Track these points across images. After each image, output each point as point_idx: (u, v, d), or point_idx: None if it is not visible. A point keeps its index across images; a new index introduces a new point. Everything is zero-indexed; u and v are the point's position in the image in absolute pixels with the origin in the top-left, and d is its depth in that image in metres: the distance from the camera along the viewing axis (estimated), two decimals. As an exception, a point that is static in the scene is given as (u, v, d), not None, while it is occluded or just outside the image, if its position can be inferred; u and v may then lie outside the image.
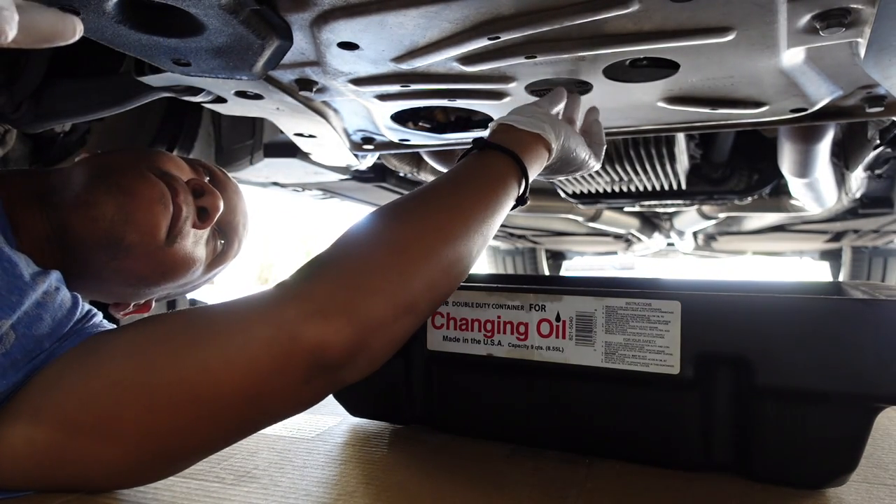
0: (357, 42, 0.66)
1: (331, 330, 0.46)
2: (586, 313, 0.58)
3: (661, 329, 0.54)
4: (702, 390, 0.55)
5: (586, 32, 0.64)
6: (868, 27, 0.58)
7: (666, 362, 0.54)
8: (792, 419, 0.52)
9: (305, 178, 1.64)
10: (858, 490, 0.59)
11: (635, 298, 0.55)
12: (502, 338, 0.62)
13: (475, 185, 0.58)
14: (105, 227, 0.60)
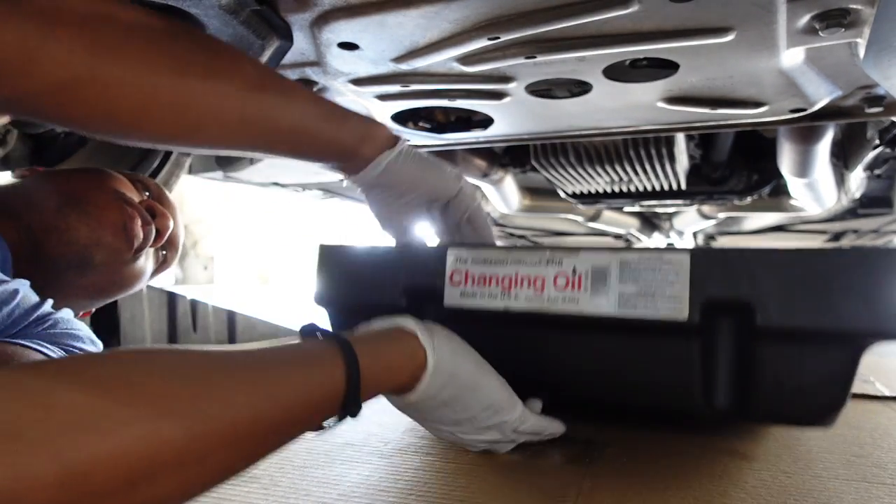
0: (357, 42, 0.66)
1: (32, 476, 0.28)
2: (601, 266, 0.60)
3: (672, 279, 0.58)
4: (707, 335, 0.58)
5: (586, 32, 0.64)
6: (867, 27, 0.58)
7: (675, 308, 0.57)
8: (787, 358, 0.57)
9: (306, 178, 1.64)
10: (858, 489, 0.59)
11: (648, 253, 0.59)
12: (519, 292, 0.63)
13: (279, 367, 0.42)
14: (78, 250, 0.67)
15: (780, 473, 0.63)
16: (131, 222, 0.70)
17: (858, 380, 1.12)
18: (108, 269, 0.70)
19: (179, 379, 0.37)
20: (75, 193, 0.69)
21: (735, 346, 0.59)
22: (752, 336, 0.57)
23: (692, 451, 0.70)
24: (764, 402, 0.58)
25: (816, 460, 0.68)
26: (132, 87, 0.44)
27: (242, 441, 0.38)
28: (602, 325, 0.61)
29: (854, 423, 0.84)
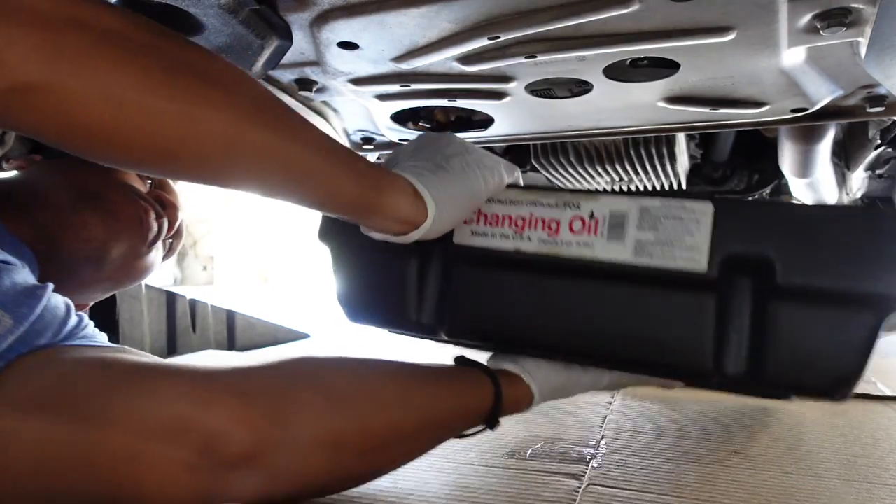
0: (357, 42, 0.66)
1: (245, 415, 0.44)
2: (620, 211, 0.58)
3: (692, 228, 0.55)
4: (723, 290, 0.56)
5: (586, 32, 0.64)
6: (869, 27, 0.58)
7: (694, 259, 0.55)
8: (805, 321, 0.54)
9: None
10: (859, 490, 0.59)
11: (670, 199, 0.57)
12: (532, 233, 0.61)
13: (442, 381, 0.58)
14: (95, 247, 0.67)
15: (782, 474, 0.63)
16: (146, 216, 0.70)
17: (859, 380, 1.12)
18: (123, 263, 0.70)
19: (392, 382, 0.54)
20: (88, 188, 0.68)
21: (752, 304, 0.56)
22: (770, 295, 0.54)
23: (693, 451, 0.70)
24: (776, 368, 0.55)
25: (818, 460, 0.68)
26: (95, 100, 0.40)
27: (420, 435, 0.54)
28: (615, 274, 0.58)
29: (855, 424, 0.84)
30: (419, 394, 0.54)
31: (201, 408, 0.43)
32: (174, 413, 0.43)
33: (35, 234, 0.64)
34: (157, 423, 0.43)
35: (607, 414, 0.86)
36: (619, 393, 1.00)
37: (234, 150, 0.46)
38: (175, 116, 0.43)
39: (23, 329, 0.52)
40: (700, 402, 0.94)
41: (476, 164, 0.60)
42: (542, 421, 0.81)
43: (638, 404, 0.93)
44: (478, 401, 0.58)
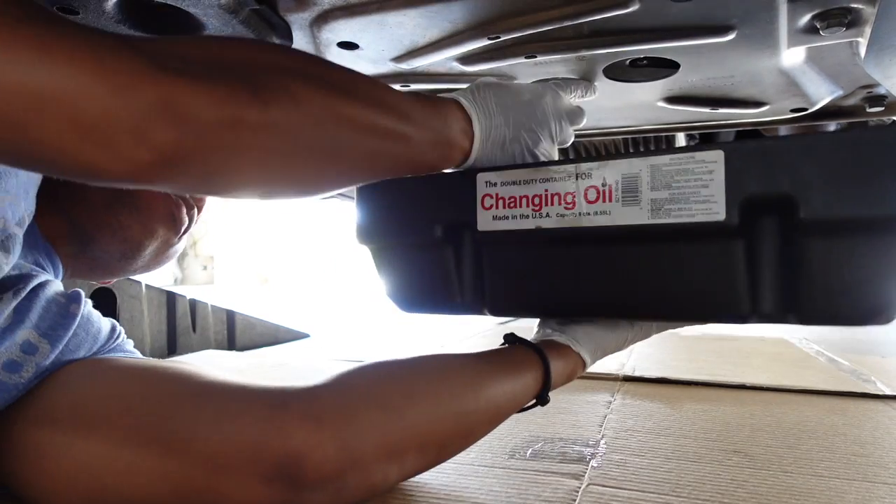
0: (357, 42, 0.66)
1: (320, 440, 0.45)
2: (631, 174, 0.58)
3: (706, 179, 0.55)
4: (748, 235, 0.55)
5: (586, 32, 0.64)
6: (868, 27, 0.58)
7: (711, 210, 0.55)
8: (836, 251, 0.53)
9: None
10: (859, 489, 0.59)
11: (679, 154, 0.56)
12: (550, 209, 0.62)
13: (496, 368, 0.59)
14: (131, 245, 0.68)
15: (781, 473, 0.63)
16: (178, 211, 0.71)
17: (859, 379, 1.12)
18: (155, 255, 0.72)
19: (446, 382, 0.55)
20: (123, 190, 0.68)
21: (779, 243, 0.55)
22: (796, 231, 0.54)
23: (693, 451, 0.70)
24: (812, 302, 0.54)
25: (817, 459, 0.68)
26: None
27: (476, 428, 0.56)
28: (637, 236, 0.58)
29: (855, 423, 0.84)
30: (473, 389, 0.55)
31: (278, 434, 0.45)
32: (252, 440, 0.45)
33: (69, 230, 0.64)
34: (235, 451, 0.45)
35: (607, 413, 0.87)
36: (618, 392, 1.00)
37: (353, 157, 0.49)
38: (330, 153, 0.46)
39: (59, 350, 0.53)
40: (700, 402, 0.94)
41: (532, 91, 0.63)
42: (542, 421, 0.81)
43: (638, 404, 0.93)
44: (529, 383, 0.60)
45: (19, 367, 0.50)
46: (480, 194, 0.64)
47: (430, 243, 0.67)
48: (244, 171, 0.42)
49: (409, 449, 0.50)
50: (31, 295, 0.53)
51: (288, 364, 1.30)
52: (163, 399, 0.48)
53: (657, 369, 1.18)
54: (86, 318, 0.57)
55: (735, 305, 0.57)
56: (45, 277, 0.56)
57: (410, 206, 0.69)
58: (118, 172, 0.36)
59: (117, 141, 0.35)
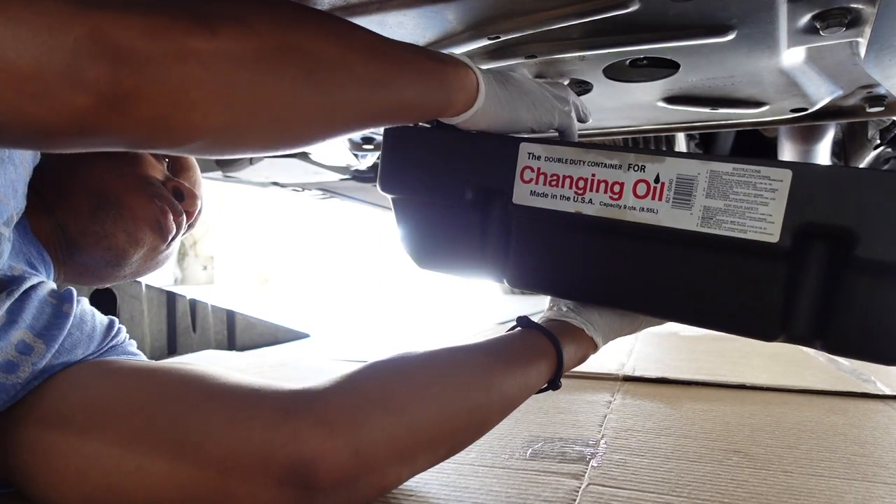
0: (357, 42, 0.66)
1: (333, 446, 0.45)
2: (688, 176, 0.55)
3: (767, 197, 0.52)
4: (796, 261, 0.53)
5: (586, 32, 0.64)
6: (868, 27, 0.58)
7: (766, 230, 0.52)
8: (883, 293, 0.51)
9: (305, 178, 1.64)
10: (859, 489, 0.59)
11: (744, 165, 0.53)
12: (594, 196, 0.59)
13: (508, 357, 0.58)
14: (116, 253, 0.67)
15: (781, 473, 0.63)
16: (165, 218, 0.69)
17: (859, 379, 1.12)
18: (142, 262, 0.71)
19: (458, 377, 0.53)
20: (109, 194, 0.67)
21: (825, 276, 0.53)
22: (847, 267, 0.52)
23: (693, 451, 0.70)
24: (845, 335, 0.53)
25: (817, 459, 0.68)
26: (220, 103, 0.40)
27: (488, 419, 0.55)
28: (682, 239, 0.56)
29: (855, 423, 0.84)
30: (485, 383, 0.54)
31: (290, 440, 0.44)
32: (264, 446, 0.44)
33: (56, 235, 0.64)
34: (247, 456, 0.44)
35: (607, 413, 0.87)
36: (618, 392, 1.00)
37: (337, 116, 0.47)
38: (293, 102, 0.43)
39: (54, 349, 0.53)
40: (700, 402, 0.94)
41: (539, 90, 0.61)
42: (542, 421, 0.81)
43: (638, 404, 0.93)
44: (542, 370, 0.59)
45: (16, 368, 0.50)
46: (521, 165, 0.61)
47: (458, 203, 0.64)
48: (203, 112, 0.38)
49: (421, 448, 0.50)
50: (24, 297, 0.53)
51: (288, 364, 1.30)
52: (173, 401, 0.48)
53: (657, 369, 1.18)
54: (79, 318, 0.57)
55: (766, 325, 0.55)
56: (38, 279, 0.56)
57: (442, 162, 0.64)
58: (62, 124, 0.34)
59: (52, 87, 0.33)
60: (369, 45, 0.47)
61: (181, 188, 0.73)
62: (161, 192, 0.70)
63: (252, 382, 0.49)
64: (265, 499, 0.45)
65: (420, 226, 0.70)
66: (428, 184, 0.66)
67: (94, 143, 0.38)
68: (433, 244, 0.70)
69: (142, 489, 0.46)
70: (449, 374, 0.53)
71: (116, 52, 0.34)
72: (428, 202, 0.67)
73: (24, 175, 0.55)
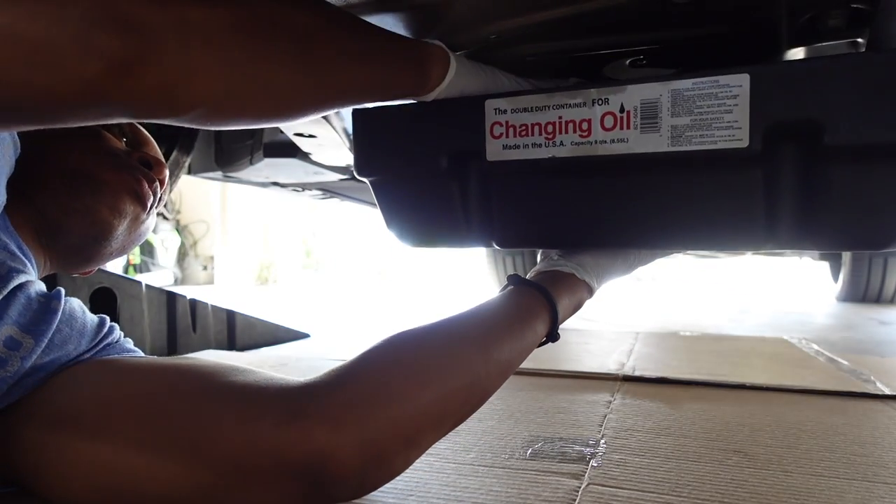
0: (357, 42, 0.66)
1: (341, 442, 0.45)
2: (651, 100, 0.56)
3: (730, 104, 0.53)
4: (770, 161, 0.54)
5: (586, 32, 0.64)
6: (868, 27, 0.58)
7: (735, 136, 0.53)
8: (859, 177, 0.51)
9: (305, 178, 1.64)
10: (859, 489, 0.59)
11: (702, 78, 0.54)
12: (564, 137, 0.59)
13: (502, 322, 0.58)
14: (101, 227, 0.67)
15: (781, 472, 0.63)
16: (140, 187, 0.70)
17: (859, 379, 1.12)
18: (128, 233, 0.71)
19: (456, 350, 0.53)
20: (83, 171, 0.67)
21: (800, 169, 0.53)
22: (819, 157, 0.52)
23: (693, 451, 0.70)
24: (831, 228, 0.53)
25: (817, 459, 0.68)
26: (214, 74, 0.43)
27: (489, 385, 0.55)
28: (655, 164, 0.56)
29: (855, 422, 0.84)
30: (483, 355, 0.54)
31: (300, 438, 0.44)
32: (274, 444, 0.44)
33: (37, 222, 0.64)
34: (258, 454, 0.45)
35: (607, 413, 0.87)
36: (618, 392, 1.00)
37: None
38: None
39: (43, 345, 0.53)
40: (700, 402, 0.94)
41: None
42: (542, 421, 0.81)
43: (638, 403, 0.93)
44: (538, 329, 0.59)
45: (4, 363, 0.50)
46: (489, 122, 0.61)
47: (434, 174, 0.64)
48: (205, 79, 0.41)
49: (426, 430, 0.50)
50: (10, 295, 0.53)
51: (288, 364, 1.30)
52: (182, 400, 0.48)
53: (657, 369, 1.19)
54: (68, 314, 0.57)
55: (751, 234, 0.56)
56: (26, 278, 0.56)
57: (413, 135, 0.65)
58: (73, 94, 0.36)
59: (63, 56, 0.35)
60: (352, 22, 0.51)
61: (147, 157, 0.74)
62: (131, 163, 0.71)
63: (257, 379, 0.50)
64: (278, 496, 0.45)
65: (402, 205, 0.70)
66: (402, 159, 0.67)
67: (101, 114, 0.39)
68: (418, 221, 0.70)
69: (154, 489, 0.46)
70: (446, 352, 0.53)
71: (125, 21, 0.36)
72: (406, 178, 0.67)
73: (7, 169, 0.55)
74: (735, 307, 3.10)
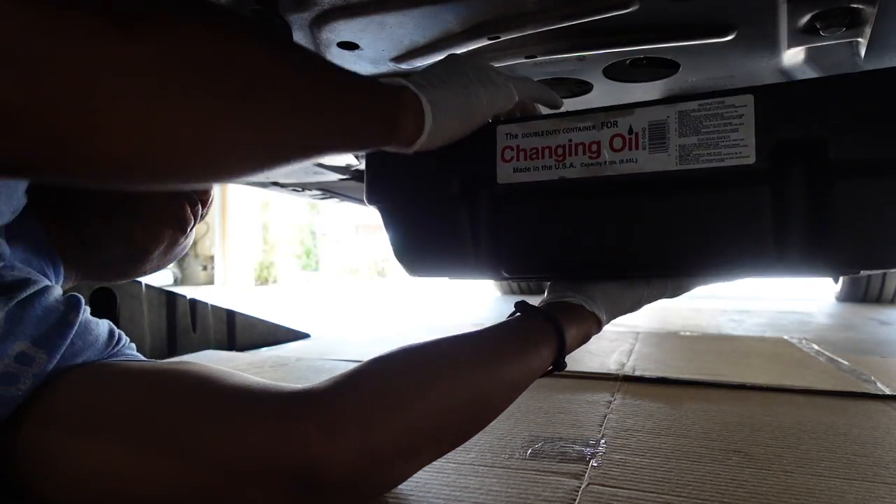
0: (357, 42, 0.66)
1: (337, 449, 0.45)
2: (659, 121, 0.57)
3: (735, 123, 0.55)
4: (777, 179, 0.55)
5: (586, 32, 0.64)
6: (868, 27, 0.58)
7: (741, 154, 0.54)
8: (865, 194, 0.52)
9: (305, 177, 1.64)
10: (859, 489, 0.59)
11: (708, 99, 0.55)
12: (574, 159, 0.60)
13: (509, 344, 0.57)
14: (138, 249, 0.67)
15: (782, 472, 0.63)
16: (182, 212, 0.69)
17: (859, 379, 1.12)
18: (163, 254, 0.71)
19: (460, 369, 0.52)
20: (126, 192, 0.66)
21: (807, 186, 0.54)
22: (825, 174, 0.53)
23: (693, 451, 0.70)
24: (842, 246, 0.54)
25: (818, 459, 0.68)
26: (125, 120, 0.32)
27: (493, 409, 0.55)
28: (664, 183, 0.57)
29: (855, 423, 0.84)
30: (488, 374, 0.54)
31: (295, 445, 0.44)
32: (270, 450, 0.44)
33: (76, 236, 0.64)
34: (253, 460, 0.44)
35: (607, 413, 0.87)
36: (618, 392, 1.00)
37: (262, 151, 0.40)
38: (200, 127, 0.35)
39: (56, 359, 0.52)
40: (700, 402, 0.94)
41: (481, 82, 0.57)
42: (542, 421, 0.81)
43: (638, 404, 0.93)
44: (544, 355, 0.58)
45: (16, 379, 0.49)
46: (500, 147, 0.63)
47: (444, 199, 0.65)
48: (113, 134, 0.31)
49: (426, 444, 0.50)
50: (27, 302, 0.52)
51: (288, 364, 1.30)
52: (176, 404, 0.48)
53: (657, 369, 1.18)
54: (83, 326, 0.56)
55: (761, 254, 0.56)
56: (44, 283, 0.55)
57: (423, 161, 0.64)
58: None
59: None
60: (305, 62, 0.42)
61: None
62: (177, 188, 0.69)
63: (253, 383, 0.49)
64: (271, 500, 0.45)
65: (410, 230, 0.71)
66: (413, 185, 0.67)
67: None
68: (425, 247, 0.71)
69: (146, 490, 0.46)
70: (451, 368, 0.53)
71: (7, 51, 0.27)
72: (415, 204, 0.68)
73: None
74: (735, 307, 3.10)
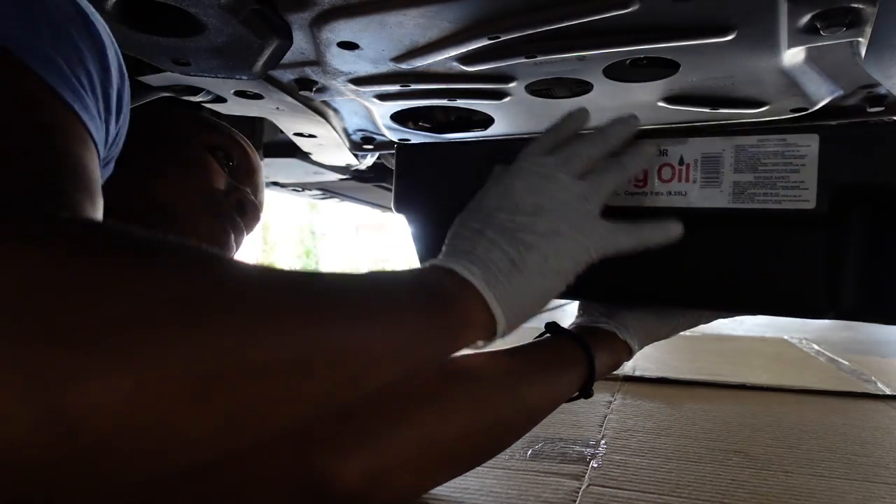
0: (357, 42, 0.66)
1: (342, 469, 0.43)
2: (713, 154, 0.54)
3: (797, 164, 0.51)
4: (836, 225, 0.52)
5: (586, 32, 0.64)
6: (869, 27, 0.58)
7: (801, 197, 0.51)
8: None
9: (305, 177, 1.63)
10: (860, 489, 0.59)
11: (768, 136, 0.52)
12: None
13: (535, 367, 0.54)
14: None
15: (782, 473, 0.63)
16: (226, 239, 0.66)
17: (859, 379, 1.12)
18: None
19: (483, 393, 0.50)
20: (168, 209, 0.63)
21: (868, 239, 0.51)
22: (891, 228, 0.51)
23: (693, 451, 0.70)
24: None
25: (818, 460, 0.68)
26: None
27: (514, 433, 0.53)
28: (715, 218, 0.54)
29: (855, 423, 0.84)
30: (512, 396, 0.51)
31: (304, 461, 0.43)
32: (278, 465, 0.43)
33: None
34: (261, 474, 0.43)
35: (607, 413, 0.86)
36: (619, 392, 1.00)
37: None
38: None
39: None
40: (700, 402, 0.94)
41: (559, 258, 0.46)
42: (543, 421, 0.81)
43: (638, 403, 0.93)
44: (572, 379, 0.56)
45: None
46: None
47: None
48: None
49: (439, 464, 0.49)
50: None
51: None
52: None
53: (657, 369, 1.18)
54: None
55: (812, 299, 0.53)
56: None
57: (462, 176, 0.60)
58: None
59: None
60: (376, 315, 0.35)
61: (244, 202, 0.70)
62: (224, 209, 0.67)
63: None
64: None
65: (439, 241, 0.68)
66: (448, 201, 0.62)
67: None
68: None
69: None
70: (472, 387, 0.50)
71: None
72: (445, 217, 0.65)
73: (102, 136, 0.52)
74: (735, 307, 3.10)
